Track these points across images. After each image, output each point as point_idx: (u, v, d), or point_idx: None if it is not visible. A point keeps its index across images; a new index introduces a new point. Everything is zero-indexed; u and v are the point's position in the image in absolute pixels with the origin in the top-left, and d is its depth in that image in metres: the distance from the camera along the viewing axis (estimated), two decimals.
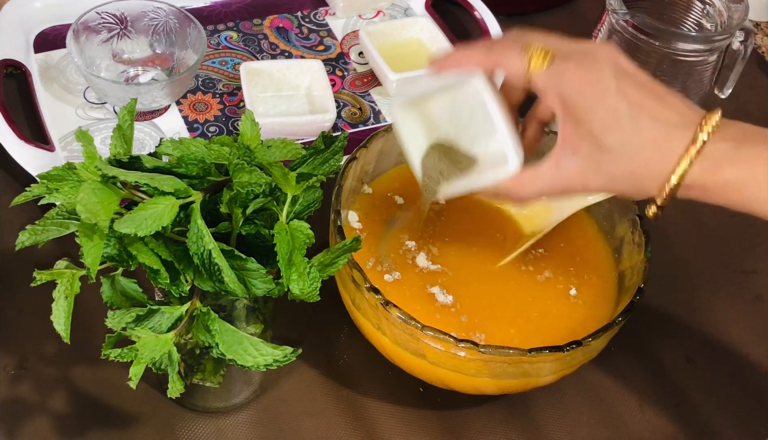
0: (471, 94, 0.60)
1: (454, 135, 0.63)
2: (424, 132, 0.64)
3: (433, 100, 0.63)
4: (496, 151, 0.60)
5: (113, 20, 0.86)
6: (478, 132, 0.61)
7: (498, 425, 0.70)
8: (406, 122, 0.64)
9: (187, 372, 0.62)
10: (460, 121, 0.62)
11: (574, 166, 0.56)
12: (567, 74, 0.55)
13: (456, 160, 0.63)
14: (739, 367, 0.76)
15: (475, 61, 0.59)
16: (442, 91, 0.62)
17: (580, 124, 0.55)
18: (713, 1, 0.79)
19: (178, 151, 0.54)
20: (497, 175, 0.60)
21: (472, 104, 0.60)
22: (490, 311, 0.67)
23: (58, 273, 0.53)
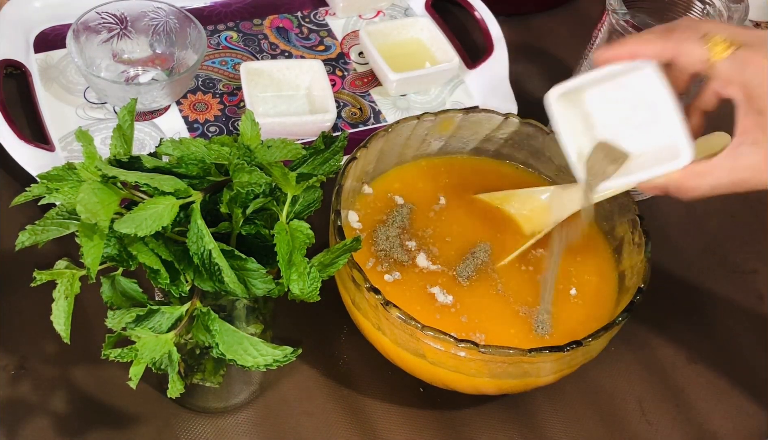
0: (640, 84, 0.58)
1: (613, 127, 0.61)
2: (581, 124, 0.62)
3: (589, 91, 0.62)
4: (666, 143, 0.58)
5: (113, 20, 0.86)
6: (645, 123, 0.59)
7: (498, 425, 0.70)
8: (561, 113, 0.63)
9: (187, 372, 0.62)
10: (621, 112, 0.61)
11: (753, 159, 0.54)
12: (752, 63, 0.53)
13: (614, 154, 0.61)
14: (739, 367, 0.76)
15: (652, 49, 0.57)
16: (602, 81, 0.60)
17: (762, 114, 0.53)
18: (713, 1, 0.79)
19: (178, 151, 0.54)
20: (668, 168, 0.58)
21: (640, 94, 0.59)
22: (490, 311, 0.67)
23: (58, 273, 0.53)
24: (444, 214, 0.73)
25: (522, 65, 0.97)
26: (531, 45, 1.02)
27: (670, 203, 0.88)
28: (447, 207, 0.73)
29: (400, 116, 0.88)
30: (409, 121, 0.72)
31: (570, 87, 0.62)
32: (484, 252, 0.70)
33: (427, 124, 0.73)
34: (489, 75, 0.93)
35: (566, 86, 0.63)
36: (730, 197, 0.90)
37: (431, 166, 0.76)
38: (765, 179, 0.55)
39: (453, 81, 0.93)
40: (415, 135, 0.74)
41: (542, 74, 0.99)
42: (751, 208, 0.89)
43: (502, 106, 0.88)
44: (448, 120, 0.74)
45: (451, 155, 0.77)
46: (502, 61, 0.93)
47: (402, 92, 0.91)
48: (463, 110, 0.74)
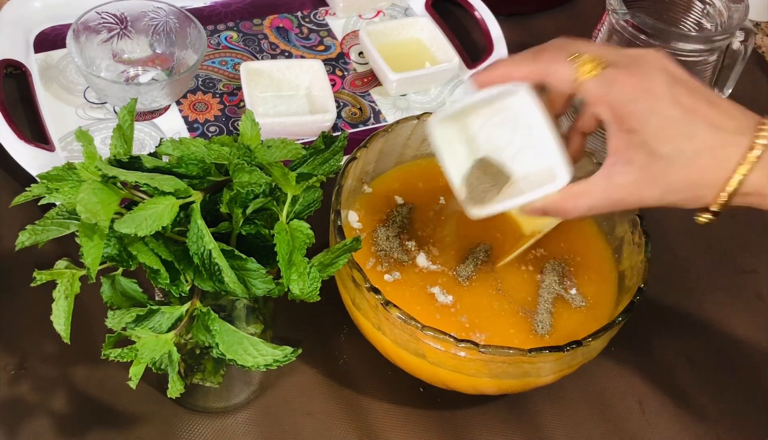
0: (516, 107, 0.59)
1: (495, 150, 0.62)
2: (464, 148, 0.63)
3: (471, 116, 0.62)
4: (544, 166, 0.59)
5: (113, 20, 0.86)
6: (524, 146, 0.60)
7: (498, 425, 0.70)
8: (444, 138, 0.63)
9: (187, 372, 0.62)
10: (502, 135, 0.61)
11: (627, 178, 0.54)
12: (618, 81, 0.54)
13: (496, 176, 0.62)
14: (739, 367, 0.76)
15: (522, 71, 0.58)
16: (481, 105, 0.61)
17: (632, 133, 0.53)
18: (713, 1, 0.79)
19: (178, 151, 0.54)
20: (545, 191, 0.58)
21: (517, 117, 0.59)
22: (490, 311, 0.67)
23: (58, 273, 0.53)
24: (444, 214, 0.73)
25: None
26: (531, 45, 1.01)
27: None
28: (447, 207, 0.73)
29: (400, 116, 0.88)
30: (409, 121, 0.72)
31: (450, 112, 0.63)
32: (484, 252, 0.70)
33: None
34: None
35: (447, 112, 0.63)
36: None
37: (431, 166, 0.76)
38: (641, 197, 0.55)
39: (453, 81, 0.93)
40: (415, 135, 0.74)
41: None
42: (751, 208, 0.89)
43: None
44: None
45: None
46: None
47: (402, 92, 0.91)
48: None
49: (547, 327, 0.66)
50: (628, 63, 0.54)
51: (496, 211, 0.62)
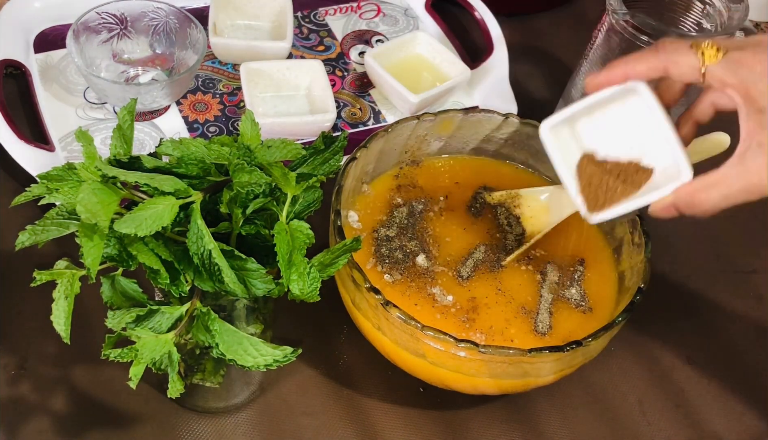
0: (630, 103, 0.58)
1: (608, 149, 0.61)
2: (576, 151, 0.62)
3: (583, 119, 0.62)
4: (665, 164, 0.58)
5: (113, 20, 0.86)
6: (641, 145, 0.59)
7: (498, 425, 0.70)
8: (558, 144, 0.63)
9: (187, 372, 0.62)
10: (617, 137, 0.61)
11: (763, 159, 0.53)
12: (745, 63, 0.53)
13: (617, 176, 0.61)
14: (739, 367, 0.76)
15: (642, 67, 0.57)
16: (595, 107, 0.61)
17: (764, 112, 0.52)
18: (713, 1, 0.79)
19: (178, 151, 0.54)
20: (672, 187, 0.57)
21: (634, 117, 0.59)
22: (490, 311, 0.67)
23: (58, 273, 0.53)
24: (444, 214, 0.73)
25: (522, 65, 0.98)
26: (531, 45, 1.02)
27: None
28: (447, 207, 0.73)
29: (399, 116, 0.88)
30: (409, 121, 0.72)
31: (562, 118, 0.62)
32: (484, 252, 0.70)
33: (427, 124, 0.73)
34: (489, 75, 0.93)
35: (558, 118, 0.62)
36: None
37: (431, 166, 0.76)
38: None
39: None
40: (415, 135, 0.74)
41: (542, 74, 0.99)
42: (751, 208, 0.89)
43: (502, 106, 0.88)
44: (448, 120, 0.74)
45: (451, 155, 0.77)
46: (502, 61, 0.93)
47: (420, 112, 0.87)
48: (463, 110, 0.74)
49: (547, 327, 0.66)
50: (751, 45, 0.54)
51: (619, 213, 0.61)
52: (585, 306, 0.68)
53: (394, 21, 0.99)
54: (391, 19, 1.00)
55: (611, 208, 0.61)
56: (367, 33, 0.98)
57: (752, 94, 0.53)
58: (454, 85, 0.88)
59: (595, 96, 0.60)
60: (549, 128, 0.63)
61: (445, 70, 0.91)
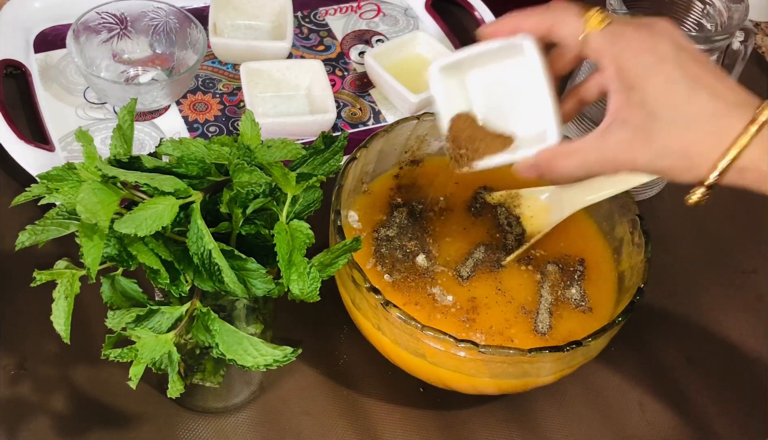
0: (518, 61, 0.59)
1: (492, 103, 0.62)
2: (462, 101, 0.63)
3: (473, 67, 0.62)
4: (538, 124, 0.59)
5: (113, 20, 0.86)
6: (520, 101, 0.60)
7: (498, 425, 0.70)
8: (444, 88, 0.63)
9: (187, 372, 0.62)
10: (501, 91, 0.61)
11: (622, 136, 0.53)
12: (625, 36, 0.53)
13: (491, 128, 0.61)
14: (739, 367, 0.76)
15: (530, 24, 0.57)
16: (484, 58, 0.61)
17: (632, 90, 0.53)
18: (713, 1, 0.79)
19: (178, 151, 0.54)
20: (535, 150, 0.58)
21: (519, 71, 0.59)
22: (490, 311, 0.67)
23: (58, 273, 0.53)
24: (444, 214, 0.73)
25: None
26: None
27: (670, 203, 0.88)
28: (447, 207, 0.73)
29: (399, 116, 0.88)
30: (409, 121, 0.72)
31: (452, 61, 0.62)
32: (484, 252, 0.70)
33: (427, 124, 0.73)
34: None
35: (449, 60, 0.62)
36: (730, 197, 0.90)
37: (431, 166, 0.76)
38: (632, 157, 0.53)
39: None
40: (415, 135, 0.74)
41: None
42: (751, 208, 0.89)
43: None
44: None
45: None
46: None
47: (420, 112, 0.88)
48: None
49: (547, 327, 0.66)
50: (636, 22, 0.54)
51: (487, 166, 0.61)
52: (585, 306, 0.68)
53: (394, 21, 0.99)
54: (391, 19, 1.00)
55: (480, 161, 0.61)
56: (367, 33, 0.98)
57: (624, 69, 0.53)
58: None
59: (485, 45, 0.60)
60: (438, 69, 0.63)
61: None
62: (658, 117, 0.52)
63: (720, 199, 0.91)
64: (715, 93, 0.52)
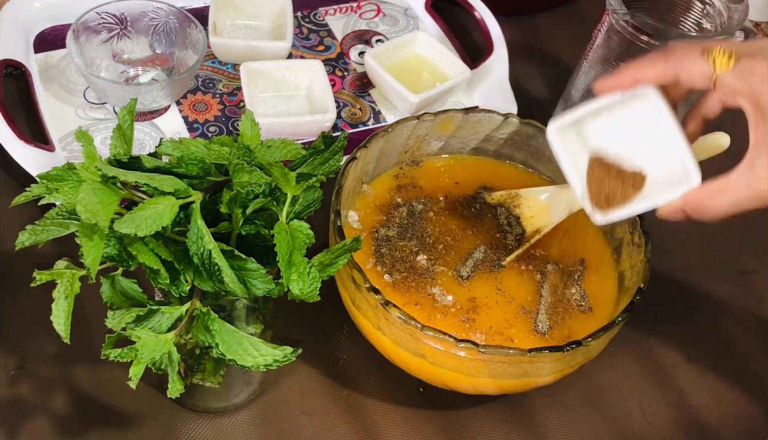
0: (643, 110, 0.59)
1: (619, 154, 0.62)
2: (583, 153, 0.63)
3: (591, 122, 0.62)
4: (673, 166, 0.58)
5: (113, 20, 0.86)
6: (649, 149, 0.60)
7: (498, 425, 0.70)
8: (565, 146, 0.63)
9: (187, 372, 0.62)
10: (625, 140, 0.61)
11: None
12: (756, 72, 0.53)
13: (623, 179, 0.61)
14: (739, 367, 0.76)
15: (652, 72, 0.57)
16: (602, 110, 0.61)
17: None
18: (713, 1, 0.79)
19: (178, 151, 0.54)
20: (680, 191, 0.58)
21: (643, 120, 0.59)
22: (490, 311, 0.67)
23: (58, 273, 0.53)
24: (444, 214, 0.73)
25: (522, 65, 0.97)
26: (531, 45, 1.02)
27: None
28: (447, 207, 0.73)
29: (399, 116, 0.88)
30: (409, 121, 0.72)
31: (570, 121, 0.62)
32: (484, 252, 0.70)
33: (427, 124, 0.73)
34: (489, 75, 0.93)
35: (566, 120, 0.63)
36: None
37: (431, 166, 0.76)
38: None
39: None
40: (415, 135, 0.74)
41: (542, 74, 0.99)
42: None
43: (502, 106, 0.88)
44: (448, 120, 0.74)
45: (451, 155, 0.77)
46: (502, 61, 0.93)
47: (419, 112, 0.89)
48: (463, 110, 0.74)
49: (547, 327, 0.66)
50: (760, 54, 0.54)
51: (625, 215, 0.62)
52: (585, 306, 0.68)
53: (394, 21, 0.99)
54: (391, 19, 1.00)
55: (618, 210, 0.61)
56: (367, 33, 0.98)
57: (762, 103, 0.53)
58: (453, 85, 0.88)
59: (604, 99, 0.60)
60: (556, 130, 0.63)
61: (445, 70, 0.91)
62: None
63: None
64: None
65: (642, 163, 0.61)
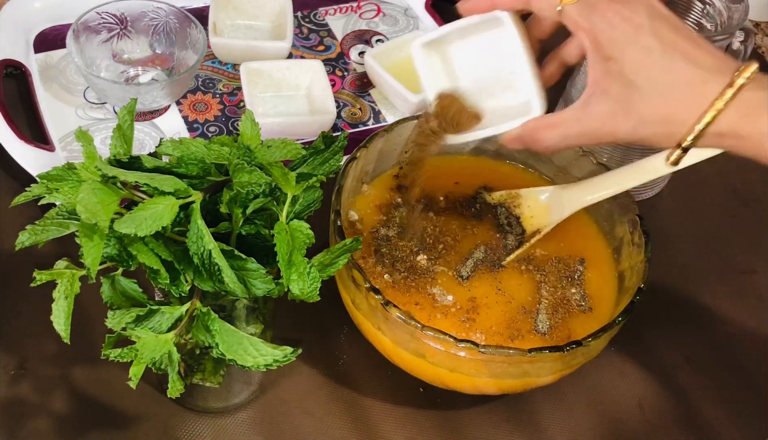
0: (499, 34, 0.59)
1: (475, 79, 0.62)
2: (445, 76, 0.64)
3: (455, 42, 0.63)
4: (521, 96, 0.59)
5: (113, 20, 0.86)
6: (502, 74, 0.61)
7: (498, 425, 0.70)
8: (426, 63, 0.64)
9: (187, 372, 0.62)
10: (482, 64, 0.62)
11: (602, 107, 0.54)
12: (599, 7, 0.53)
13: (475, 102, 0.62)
14: (739, 367, 0.76)
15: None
16: (464, 33, 0.62)
17: (610, 61, 0.53)
18: (713, 1, 0.79)
19: (178, 151, 0.54)
20: (519, 122, 0.59)
21: (500, 44, 0.60)
22: (490, 311, 0.67)
23: (58, 273, 0.53)
24: (444, 214, 0.73)
25: None
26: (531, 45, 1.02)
27: (670, 203, 0.88)
28: (447, 207, 0.73)
29: (399, 116, 0.88)
30: (409, 121, 0.72)
31: (433, 37, 0.64)
32: (484, 252, 0.70)
33: None
34: None
35: (430, 36, 0.64)
36: (730, 197, 0.90)
37: (431, 166, 0.76)
38: (614, 128, 0.54)
39: None
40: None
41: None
42: (751, 208, 0.89)
43: None
44: None
45: (451, 155, 0.77)
46: None
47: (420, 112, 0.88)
48: None
49: (547, 327, 0.66)
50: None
51: (471, 138, 0.63)
52: (585, 306, 0.68)
53: (394, 21, 0.99)
54: (391, 19, 1.00)
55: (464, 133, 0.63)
56: (367, 33, 0.98)
57: (600, 40, 0.53)
58: None
59: (464, 20, 0.61)
60: (420, 46, 0.64)
61: None
62: (637, 87, 0.52)
63: (720, 198, 0.91)
64: (692, 59, 0.52)
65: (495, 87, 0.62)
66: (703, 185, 0.90)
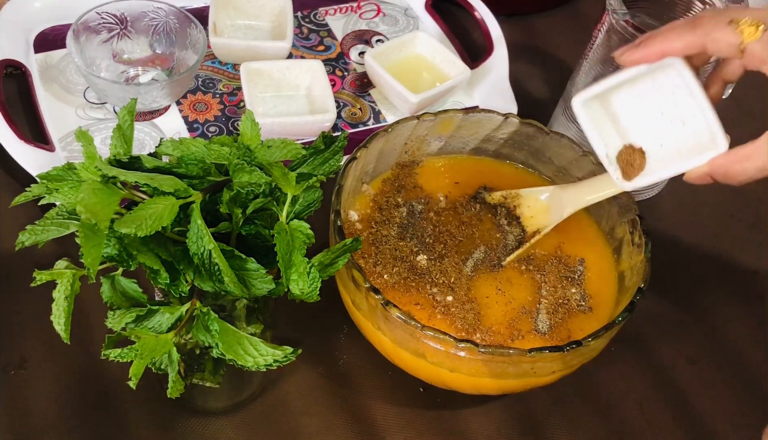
0: (668, 78, 0.59)
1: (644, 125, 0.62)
2: (610, 125, 0.64)
3: (616, 93, 0.63)
4: (696, 134, 0.60)
5: (113, 20, 0.86)
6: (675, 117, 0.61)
7: (498, 425, 0.70)
8: (591, 117, 0.64)
9: (187, 372, 0.62)
10: (651, 109, 0.62)
11: None
12: None
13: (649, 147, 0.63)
14: (739, 367, 0.76)
15: (679, 44, 0.58)
16: (627, 82, 0.61)
17: None
18: (713, 1, 0.79)
19: (178, 151, 0.54)
20: (707, 158, 0.59)
21: (669, 90, 0.60)
22: (490, 311, 0.67)
23: (58, 273, 0.53)
24: (444, 214, 0.73)
25: (522, 65, 0.98)
26: (531, 45, 1.02)
27: (670, 203, 0.88)
28: (447, 207, 0.73)
29: (399, 116, 0.88)
30: (409, 121, 0.72)
31: (595, 92, 0.63)
32: (484, 252, 0.70)
33: (427, 124, 0.73)
34: (489, 75, 0.93)
35: (592, 91, 0.63)
36: (730, 196, 0.90)
37: (431, 166, 0.76)
38: None
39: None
40: (415, 135, 0.74)
41: (542, 74, 0.99)
42: (751, 208, 0.89)
43: (502, 106, 0.88)
44: (448, 120, 0.74)
45: (451, 155, 0.77)
46: (502, 61, 0.93)
47: (419, 112, 0.89)
48: (463, 110, 0.74)
49: (547, 327, 0.66)
50: None
51: (653, 180, 0.63)
52: (585, 306, 0.68)
53: (394, 21, 0.99)
54: (391, 19, 1.00)
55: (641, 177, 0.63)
56: (367, 33, 0.98)
57: None
58: (454, 84, 0.88)
59: (630, 71, 0.61)
60: (581, 103, 0.63)
61: (445, 70, 0.91)
62: None
63: (720, 198, 0.91)
64: None
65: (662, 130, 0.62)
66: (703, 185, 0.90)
